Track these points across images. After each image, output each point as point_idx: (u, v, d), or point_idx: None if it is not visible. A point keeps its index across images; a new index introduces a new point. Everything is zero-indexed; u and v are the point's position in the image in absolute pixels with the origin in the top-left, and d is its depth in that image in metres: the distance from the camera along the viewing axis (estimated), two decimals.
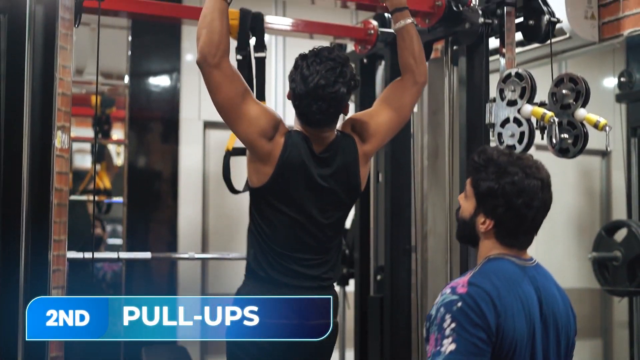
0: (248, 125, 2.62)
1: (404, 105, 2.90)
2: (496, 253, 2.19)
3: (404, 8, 2.91)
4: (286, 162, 2.66)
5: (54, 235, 2.37)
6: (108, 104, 5.99)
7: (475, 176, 2.21)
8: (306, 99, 2.61)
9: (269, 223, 2.71)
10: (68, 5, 2.42)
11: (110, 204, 6.14)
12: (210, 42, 2.54)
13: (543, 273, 2.25)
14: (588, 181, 5.44)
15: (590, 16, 4.42)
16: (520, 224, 2.17)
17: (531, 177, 2.16)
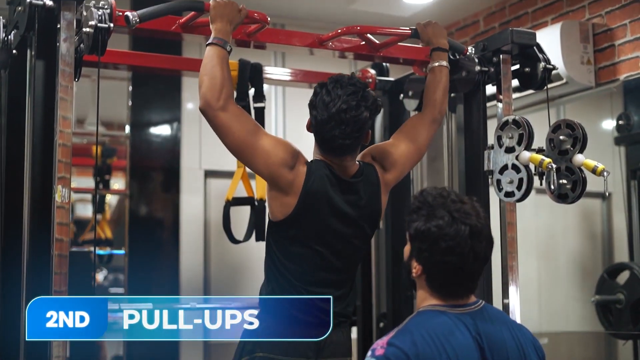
0: (266, 158, 2.57)
1: (421, 139, 2.90)
2: (428, 304, 2.08)
3: (445, 50, 2.99)
4: (311, 190, 2.60)
5: (55, 286, 2.36)
6: (109, 153, 6.00)
7: (409, 217, 2.12)
8: (329, 124, 2.57)
9: (290, 257, 2.64)
10: (68, 61, 2.44)
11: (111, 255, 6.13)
12: (212, 87, 2.53)
13: (489, 316, 2.11)
14: (589, 224, 5.43)
15: (586, 61, 4.47)
16: (447, 272, 2.05)
17: (459, 221, 2.03)
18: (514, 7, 5.18)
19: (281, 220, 2.63)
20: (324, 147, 2.66)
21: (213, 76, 2.54)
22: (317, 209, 2.62)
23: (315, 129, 2.64)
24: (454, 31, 5.66)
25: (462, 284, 2.09)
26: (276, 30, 3.11)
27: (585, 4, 4.63)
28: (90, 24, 2.47)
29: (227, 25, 2.64)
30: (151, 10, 2.63)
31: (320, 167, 2.65)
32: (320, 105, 2.60)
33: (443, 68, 2.98)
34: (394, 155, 2.82)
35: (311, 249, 2.64)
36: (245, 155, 2.60)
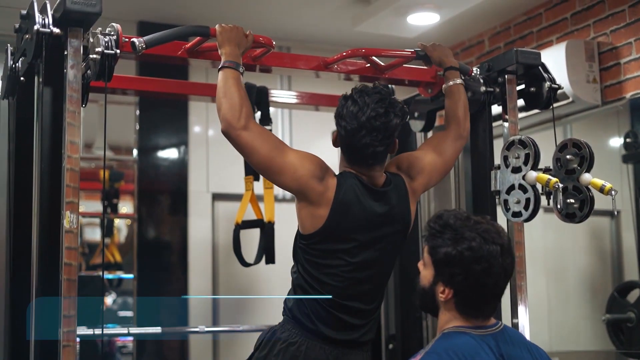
0: (294, 172, 2.58)
1: (447, 153, 2.92)
2: (452, 326, 2.10)
3: (456, 68, 3.02)
4: (343, 201, 2.60)
5: (64, 311, 2.37)
6: (117, 177, 6.02)
7: (432, 243, 2.13)
8: (359, 132, 2.58)
9: (321, 270, 2.63)
10: (75, 87, 2.45)
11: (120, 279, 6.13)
12: (231, 108, 2.54)
13: (510, 338, 2.15)
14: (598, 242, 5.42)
15: (592, 80, 4.47)
16: (481, 293, 2.09)
17: (490, 242, 2.07)
18: (518, 26, 5.20)
19: (312, 233, 2.63)
20: (354, 157, 2.67)
21: (231, 97, 2.56)
22: (351, 218, 2.62)
23: (344, 140, 2.65)
24: (459, 51, 5.68)
25: (490, 303, 2.13)
26: (281, 54, 3.13)
27: (590, 23, 4.64)
28: (97, 51, 2.49)
29: (235, 49, 2.66)
30: (157, 36, 2.65)
31: (349, 178, 2.66)
32: (348, 115, 2.61)
33: (460, 86, 3.01)
34: (420, 163, 2.84)
35: (342, 260, 2.64)
36: (273, 171, 2.61)
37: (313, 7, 5.04)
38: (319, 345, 2.63)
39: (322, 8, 5.06)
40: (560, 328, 5.26)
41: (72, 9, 2.40)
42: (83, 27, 2.49)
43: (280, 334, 2.68)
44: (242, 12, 5.06)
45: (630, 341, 4.43)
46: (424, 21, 5.09)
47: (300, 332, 2.65)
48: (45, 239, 2.48)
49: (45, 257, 2.47)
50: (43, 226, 2.48)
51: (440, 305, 2.14)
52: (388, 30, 5.15)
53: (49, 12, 2.47)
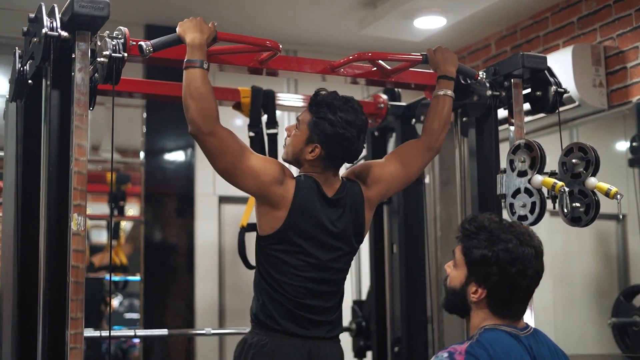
0: (256, 177, 2.62)
1: (412, 165, 2.95)
2: (490, 324, 2.14)
3: (451, 79, 3.01)
4: (300, 204, 2.67)
5: (71, 313, 2.38)
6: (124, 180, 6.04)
7: (466, 244, 2.16)
8: (359, 137, 2.72)
9: (280, 270, 2.69)
10: (83, 90, 2.46)
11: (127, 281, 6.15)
12: (199, 110, 2.55)
13: (541, 341, 2.19)
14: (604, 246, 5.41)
15: (598, 84, 4.47)
16: (514, 294, 2.12)
17: (525, 244, 2.12)
18: (525, 30, 5.20)
19: (270, 234, 2.69)
20: (341, 162, 2.78)
21: (199, 99, 2.56)
22: (306, 222, 2.69)
23: (340, 151, 2.73)
24: (466, 55, 5.68)
25: (523, 304, 2.17)
26: (288, 58, 3.14)
27: (597, 27, 4.64)
28: (105, 54, 2.49)
29: (198, 34, 2.62)
30: (164, 40, 2.65)
31: (308, 181, 2.73)
32: (344, 124, 2.69)
33: (447, 98, 3.00)
34: (378, 173, 2.89)
35: (301, 261, 2.70)
36: (235, 176, 2.64)
37: (319, 11, 5.05)
38: (289, 342, 2.67)
39: (329, 11, 5.07)
40: (566, 331, 5.25)
41: (80, 13, 2.40)
42: (91, 30, 2.49)
43: (250, 340, 2.72)
44: (249, 16, 5.08)
45: (636, 345, 4.42)
46: (431, 25, 5.10)
47: (268, 333, 2.69)
48: (52, 242, 2.49)
49: (52, 260, 2.47)
50: (50, 228, 2.49)
51: (471, 306, 2.18)
52: (394, 33, 5.16)
53: (57, 16, 2.48)
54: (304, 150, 2.76)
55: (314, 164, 2.76)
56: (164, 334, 4.03)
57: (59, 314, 2.41)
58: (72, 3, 2.40)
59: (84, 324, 2.40)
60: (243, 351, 2.72)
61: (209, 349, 5.20)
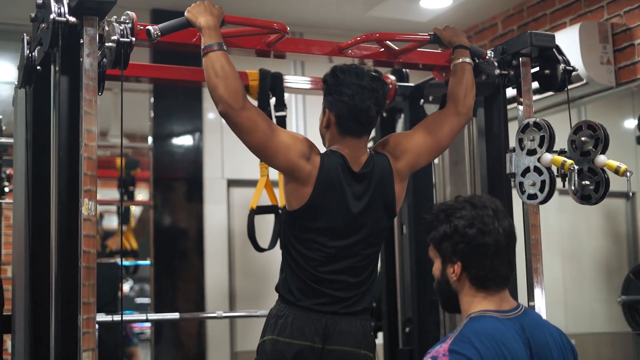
0: (287, 152, 2.64)
1: (441, 132, 2.93)
2: (477, 311, 2.10)
3: (466, 47, 3.02)
4: (325, 180, 2.68)
5: (83, 298, 2.39)
6: (132, 165, 6.06)
7: (430, 232, 2.18)
8: (363, 94, 2.70)
9: (306, 246, 2.72)
10: (92, 75, 2.47)
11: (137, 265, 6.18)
12: (226, 87, 2.55)
13: (533, 321, 2.15)
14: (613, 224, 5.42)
15: (606, 62, 4.46)
16: (485, 255, 2.09)
17: (480, 207, 2.12)
18: (532, 9, 5.18)
19: (297, 209, 2.70)
20: (351, 126, 2.74)
21: (224, 77, 2.56)
22: (332, 197, 2.69)
23: (343, 109, 2.72)
24: (472, 35, 5.67)
25: (499, 266, 2.12)
26: (296, 40, 3.13)
27: (604, 4, 4.62)
28: (113, 39, 2.49)
29: (210, 17, 2.63)
30: (172, 24, 2.65)
31: (333, 158, 2.73)
32: (348, 83, 2.71)
33: (465, 64, 3.00)
34: (407, 143, 2.88)
35: (325, 236, 2.71)
36: (267, 152, 2.65)
37: None
38: (306, 315, 2.70)
39: None
40: (576, 310, 5.26)
41: None
42: (98, 15, 2.49)
43: (274, 311, 2.77)
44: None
45: None
46: (437, 5, 5.09)
47: (287, 306, 2.73)
48: (63, 227, 2.49)
49: (63, 245, 2.49)
50: (61, 214, 2.50)
51: (457, 290, 2.15)
52: (400, 14, 5.15)
53: (65, 1, 2.48)
54: (321, 122, 2.82)
55: (331, 133, 2.79)
56: (175, 317, 4.04)
57: (71, 299, 2.42)
58: None
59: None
60: (268, 321, 2.77)
61: (219, 332, 5.22)
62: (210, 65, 2.59)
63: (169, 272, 5.19)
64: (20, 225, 2.92)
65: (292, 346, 2.67)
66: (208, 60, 2.59)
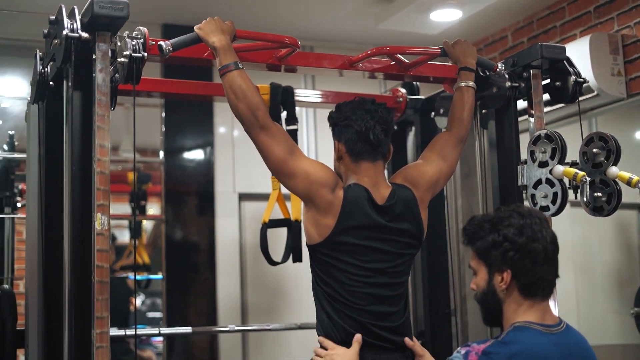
0: (306, 177, 2.62)
1: (451, 157, 2.95)
2: (522, 321, 2.12)
3: (472, 70, 3.03)
4: (349, 210, 2.63)
5: (97, 312, 2.40)
6: (144, 179, 6.06)
7: (474, 243, 2.20)
8: (371, 122, 2.70)
9: (337, 278, 2.65)
10: (104, 90, 2.48)
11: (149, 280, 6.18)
12: (247, 106, 2.58)
13: (575, 340, 2.18)
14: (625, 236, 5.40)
15: (616, 73, 4.45)
16: (535, 261, 2.13)
17: (526, 216, 2.16)
18: (541, 21, 5.18)
19: (320, 242, 2.65)
20: (363, 146, 2.72)
21: (243, 96, 2.58)
22: (357, 228, 2.64)
23: (351, 134, 2.72)
24: (483, 47, 5.67)
25: (548, 274, 2.17)
26: (307, 54, 3.14)
27: (614, 16, 4.62)
28: (125, 54, 2.51)
29: (222, 36, 2.65)
30: (184, 39, 2.67)
31: (357, 189, 2.69)
32: (351, 111, 2.73)
33: (470, 88, 3.02)
34: (425, 173, 2.86)
35: (357, 267, 2.65)
36: (285, 173, 2.65)
37: (335, 6, 5.05)
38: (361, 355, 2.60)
39: (345, 7, 5.07)
40: (588, 322, 5.24)
41: (100, 14, 2.43)
42: (111, 31, 2.51)
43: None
44: (265, 12, 5.08)
45: None
46: (447, 17, 5.09)
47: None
48: (76, 242, 2.50)
49: (76, 260, 2.49)
50: (74, 229, 2.51)
51: (503, 300, 2.17)
52: (411, 27, 5.16)
53: (77, 17, 2.50)
54: (334, 160, 2.80)
55: (345, 165, 2.76)
56: (187, 331, 4.05)
57: (85, 313, 2.43)
58: (92, 4, 2.42)
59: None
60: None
61: (232, 346, 5.22)
62: (228, 86, 2.61)
63: (181, 286, 5.19)
64: (33, 239, 2.93)
65: None
66: (226, 81, 2.61)
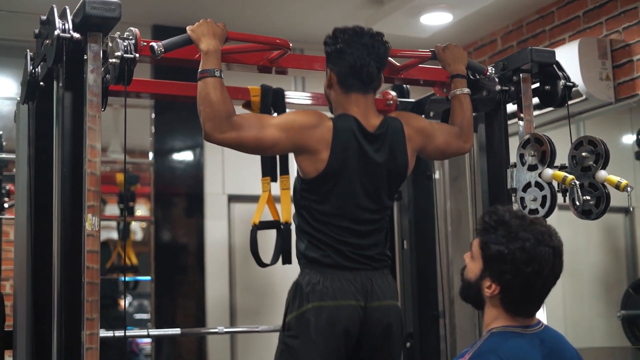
0: (285, 133, 2.64)
1: (449, 147, 2.98)
2: (500, 326, 2.11)
3: (463, 76, 3.05)
4: (340, 141, 2.68)
5: (87, 313, 2.39)
6: (133, 181, 6.06)
7: (484, 237, 2.13)
8: (363, 52, 2.72)
9: (322, 212, 2.71)
10: (96, 91, 2.48)
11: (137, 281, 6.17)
12: (211, 115, 2.55)
13: (552, 337, 2.17)
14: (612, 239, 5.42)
15: (605, 77, 4.48)
16: (528, 294, 2.09)
17: (543, 244, 2.07)
18: (531, 25, 5.21)
19: (316, 176, 2.69)
20: (354, 80, 2.75)
21: (209, 103, 2.56)
22: (350, 159, 2.69)
23: (345, 67, 2.74)
24: (472, 51, 5.69)
25: (536, 303, 2.13)
26: (298, 56, 3.15)
27: (603, 21, 4.65)
28: (117, 55, 2.50)
29: (212, 40, 2.65)
30: (175, 40, 2.67)
31: (346, 119, 2.73)
32: (349, 41, 2.74)
33: (467, 95, 3.04)
34: (422, 122, 2.93)
35: (345, 200, 2.71)
36: (266, 148, 2.69)
37: (327, 9, 5.06)
38: (341, 275, 2.68)
39: (336, 10, 5.08)
40: (575, 325, 5.26)
41: (91, 14, 2.42)
42: (102, 31, 2.51)
43: (302, 281, 2.72)
44: (256, 14, 5.09)
45: None
46: (437, 21, 5.10)
47: (319, 270, 2.70)
48: (66, 243, 2.49)
49: (66, 261, 2.48)
50: (64, 230, 2.50)
51: (485, 300, 2.15)
52: (401, 30, 5.17)
53: (69, 18, 2.49)
54: (325, 84, 2.84)
55: (335, 93, 2.80)
56: (176, 333, 4.03)
57: (74, 315, 2.42)
58: (84, 4, 2.41)
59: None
60: (297, 293, 2.71)
61: (220, 348, 5.22)
62: (199, 91, 2.60)
63: (169, 287, 5.19)
64: (22, 240, 2.92)
65: (340, 309, 2.65)
66: (200, 85, 2.61)
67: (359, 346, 2.70)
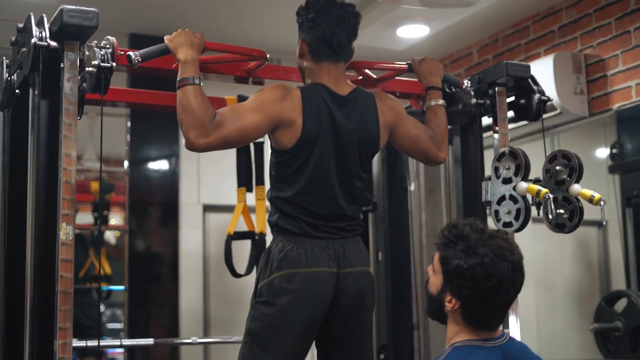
0: (261, 116, 2.63)
1: (418, 140, 2.93)
2: (462, 340, 2.10)
3: (439, 88, 3.05)
4: (312, 109, 2.68)
5: (60, 323, 2.38)
6: (107, 189, 6.02)
7: (444, 252, 2.12)
8: (332, 22, 2.73)
9: (297, 181, 2.70)
10: (72, 99, 2.47)
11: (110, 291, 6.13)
12: (194, 122, 2.53)
13: (516, 349, 2.17)
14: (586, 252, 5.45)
15: (579, 92, 4.52)
16: (488, 309, 2.08)
17: (502, 259, 2.06)
18: (507, 39, 5.24)
19: (292, 146, 2.69)
20: (325, 50, 2.76)
21: (189, 112, 2.54)
22: (323, 124, 2.70)
23: (316, 36, 2.75)
24: (448, 63, 5.72)
25: (498, 317, 2.13)
26: (275, 67, 3.15)
27: (577, 35, 4.69)
28: (93, 64, 2.49)
29: (189, 49, 2.64)
30: (153, 50, 2.66)
31: (315, 87, 2.75)
32: (318, 12, 2.76)
33: (441, 107, 3.04)
34: (397, 106, 2.90)
35: (319, 168, 2.70)
36: (250, 134, 2.67)
37: None
38: (314, 243, 2.68)
39: None
40: (548, 337, 5.28)
41: (69, 23, 2.41)
42: (80, 40, 2.50)
43: (275, 248, 2.71)
44: (233, 25, 5.09)
45: (618, 350, 4.46)
46: (414, 34, 5.13)
47: (291, 238, 2.69)
48: (40, 251, 2.47)
49: (40, 269, 2.46)
50: (38, 238, 2.48)
51: (447, 316, 2.15)
52: (377, 42, 5.19)
53: (46, 26, 2.48)
54: (297, 54, 2.84)
55: (307, 62, 2.81)
56: (149, 343, 4.01)
57: (47, 324, 2.40)
58: (61, 13, 2.41)
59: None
60: (269, 260, 2.70)
61: (193, 358, 5.19)
62: (179, 99, 2.58)
63: (143, 297, 5.16)
64: None
65: (313, 275, 2.65)
66: (179, 94, 2.59)
67: (333, 312, 2.70)
